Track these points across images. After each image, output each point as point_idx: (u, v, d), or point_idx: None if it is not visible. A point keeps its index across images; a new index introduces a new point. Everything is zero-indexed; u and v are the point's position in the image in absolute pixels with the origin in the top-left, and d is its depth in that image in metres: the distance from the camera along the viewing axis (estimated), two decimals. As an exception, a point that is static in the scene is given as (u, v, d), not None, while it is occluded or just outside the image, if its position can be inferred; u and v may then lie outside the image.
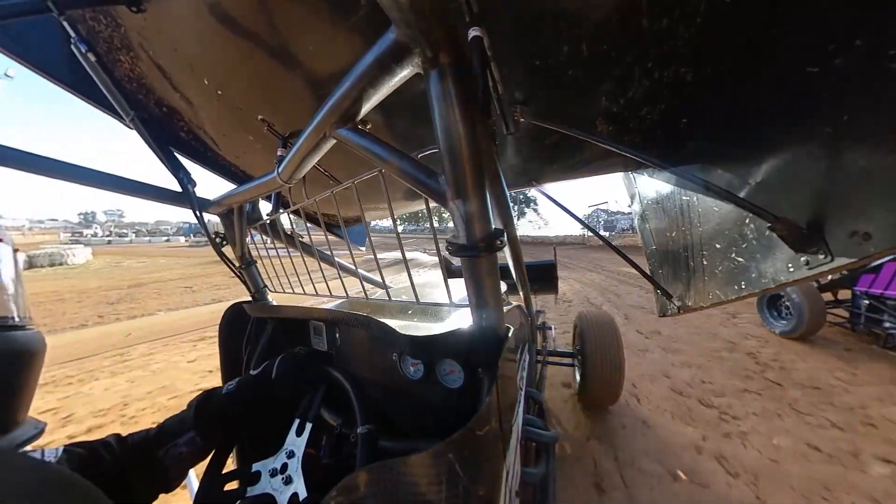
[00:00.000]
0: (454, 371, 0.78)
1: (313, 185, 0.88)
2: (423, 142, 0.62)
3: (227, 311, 1.24)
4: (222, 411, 0.78)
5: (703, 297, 0.95)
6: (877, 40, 0.45)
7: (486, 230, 0.50)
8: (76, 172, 0.89)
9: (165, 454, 0.69)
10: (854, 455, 2.21)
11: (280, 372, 0.88)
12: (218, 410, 0.78)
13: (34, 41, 0.87)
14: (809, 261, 0.55)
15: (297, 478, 0.75)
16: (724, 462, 2.15)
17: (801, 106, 0.58)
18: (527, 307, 1.80)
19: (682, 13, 0.56)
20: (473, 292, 0.58)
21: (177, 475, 0.71)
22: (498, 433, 0.55)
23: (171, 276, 11.80)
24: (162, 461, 0.68)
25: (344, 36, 0.63)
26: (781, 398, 2.93)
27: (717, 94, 0.73)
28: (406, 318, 1.05)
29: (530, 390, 1.32)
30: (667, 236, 1.17)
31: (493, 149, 0.80)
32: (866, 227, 0.48)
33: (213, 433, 0.75)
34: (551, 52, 0.66)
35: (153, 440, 0.70)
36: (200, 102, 0.98)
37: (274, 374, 0.87)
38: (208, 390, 0.82)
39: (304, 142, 0.62)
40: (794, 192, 0.61)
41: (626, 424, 2.52)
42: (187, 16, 0.71)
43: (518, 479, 0.80)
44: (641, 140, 0.97)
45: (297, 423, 0.85)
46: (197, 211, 1.10)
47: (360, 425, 0.77)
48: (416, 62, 0.42)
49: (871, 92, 0.48)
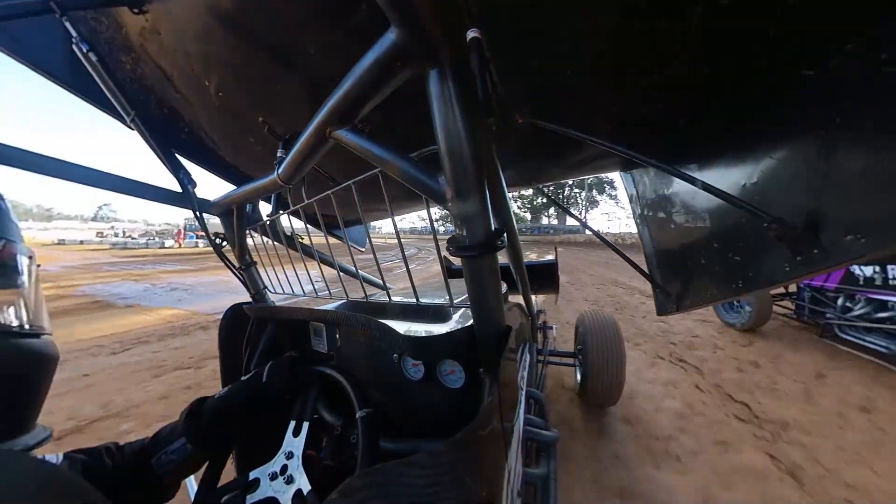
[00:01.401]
0: (455, 371, 0.79)
1: (313, 186, 0.88)
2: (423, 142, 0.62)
3: (226, 313, 1.24)
4: (213, 417, 0.78)
5: (702, 295, 0.95)
6: (869, 44, 0.46)
7: (486, 230, 0.50)
8: (77, 172, 0.90)
9: (158, 462, 0.69)
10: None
11: (270, 376, 0.87)
12: (208, 416, 0.78)
13: (36, 41, 0.87)
14: (805, 260, 0.56)
15: (298, 475, 0.75)
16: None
17: (797, 107, 0.59)
18: (527, 307, 1.81)
19: (679, 15, 0.56)
20: (474, 292, 0.59)
21: (170, 484, 0.71)
22: (499, 433, 0.55)
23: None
24: (155, 470, 0.68)
25: (344, 37, 0.64)
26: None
27: (714, 94, 0.73)
28: (406, 318, 1.05)
29: (531, 390, 1.32)
30: (665, 236, 1.18)
31: (493, 149, 0.80)
32: (860, 226, 0.48)
33: (203, 439, 0.74)
34: (551, 53, 0.67)
35: (147, 449, 0.70)
36: (201, 103, 0.98)
37: (264, 378, 0.87)
38: (201, 398, 0.82)
39: (303, 143, 0.62)
40: (789, 193, 0.61)
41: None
42: (188, 17, 0.71)
43: (520, 480, 0.80)
44: (640, 140, 0.98)
45: (293, 425, 0.85)
46: (197, 211, 1.10)
47: (358, 410, 0.77)
48: (415, 63, 0.43)
49: (865, 94, 0.48)
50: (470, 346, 0.70)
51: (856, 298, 3.71)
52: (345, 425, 0.88)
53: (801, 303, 4.34)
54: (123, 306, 6.52)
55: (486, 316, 0.61)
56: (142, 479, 0.67)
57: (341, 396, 0.87)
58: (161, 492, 0.70)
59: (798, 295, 4.40)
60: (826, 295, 4.02)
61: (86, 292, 7.81)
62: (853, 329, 3.70)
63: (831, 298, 3.96)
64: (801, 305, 4.34)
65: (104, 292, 7.86)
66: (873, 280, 3.46)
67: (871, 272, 3.47)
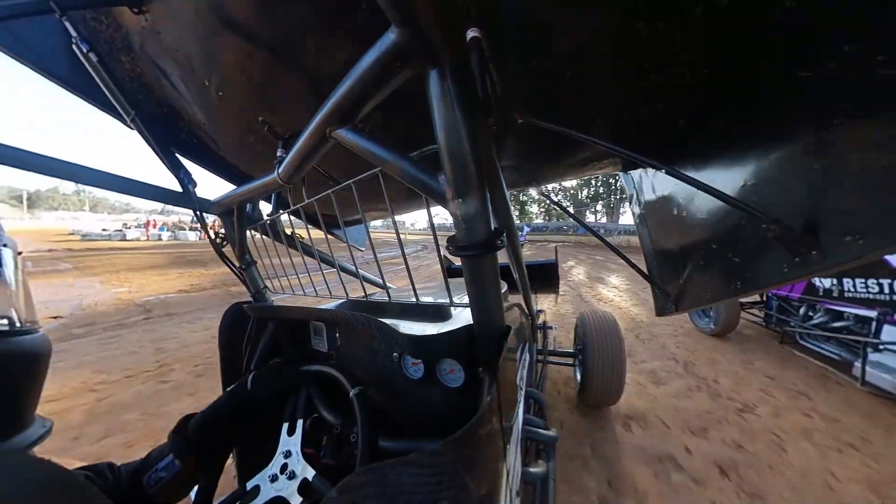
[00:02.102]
0: (454, 370, 0.79)
1: (314, 185, 0.88)
2: (423, 142, 0.62)
3: (226, 312, 1.24)
4: (199, 431, 0.78)
5: (700, 296, 0.95)
6: (867, 45, 0.46)
7: (486, 230, 0.50)
8: (77, 172, 0.90)
9: (148, 481, 0.70)
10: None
11: (255, 383, 0.88)
12: (196, 431, 0.78)
13: (36, 41, 0.87)
14: (804, 261, 0.56)
15: (301, 467, 0.75)
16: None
17: (795, 109, 0.59)
18: (527, 306, 1.81)
19: (678, 16, 0.56)
20: (474, 292, 0.59)
21: (161, 502, 0.71)
22: (498, 433, 0.55)
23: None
24: (147, 489, 0.69)
25: (344, 37, 0.64)
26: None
27: (713, 95, 0.73)
28: (406, 317, 1.06)
29: (530, 390, 1.32)
30: (664, 236, 1.18)
31: (493, 149, 0.80)
32: (859, 228, 0.48)
33: (191, 455, 0.74)
34: (550, 53, 0.67)
35: (140, 468, 0.71)
36: (201, 103, 0.98)
37: (249, 385, 0.87)
38: (188, 414, 0.83)
39: (303, 142, 0.62)
40: (788, 194, 0.61)
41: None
42: (188, 17, 0.71)
43: (519, 479, 0.80)
44: (639, 140, 0.98)
45: (286, 425, 0.85)
46: (197, 211, 1.10)
47: (351, 390, 0.77)
48: (415, 63, 0.43)
49: (862, 95, 0.48)
50: (470, 345, 0.70)
51: (816, 308, 3.87)
52: (343, 424, 0.88)
53: (769, 311, 4.47)
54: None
55: (486, 315, 0.61)
56: (135, 499, 0.67)
57: (339, 395, 0.87)
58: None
59: (767, 303, 4.54)
60: (791, 304, 4.18)
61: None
62: (811, 337, 3.85)
63: (795, 308, 4.12)
64: (769, 314, 4.47)
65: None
66: (831, 291, 3.60)
67: (830, 284, 3.61)
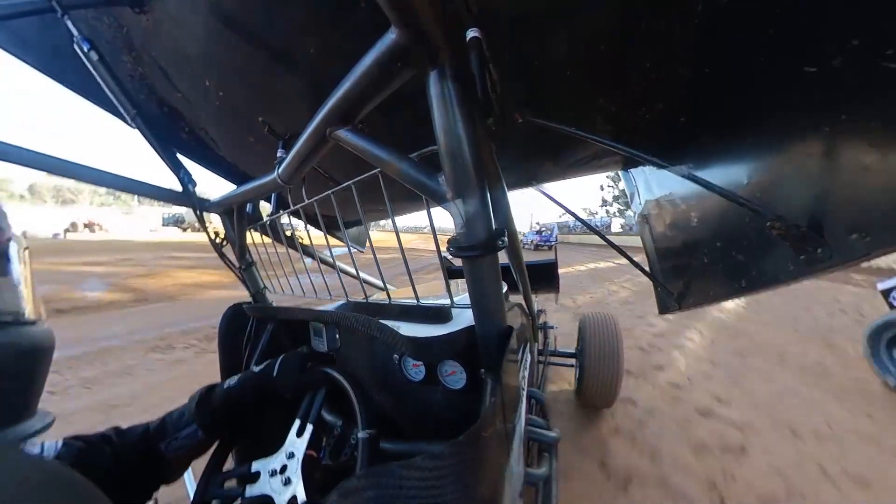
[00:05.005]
0: (456, 372, 0.78)
1: (314, 186, 0.88)
2: (423, 142, 0.62)
3: (226, 312, 1.24)
4: (224, 406, 0.79)
5: (704, 294, 0.95)
6: (873, 40, 0.45)
7: (486, 230, 0.50)
8: (78, 171, 0.90)
9: (167, 447, 0.71)
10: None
11: (281, 371, 0.88)
12: (220, 405, 0.79)
13: (37, 41, 0.87)
14: (809, 259, 0.55)
15: (296, 479, 0.75)
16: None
17: (800, 105, 0.58)
18: (528, 307, 1.80)
19: (679, 13, 0.56)
20: (474, 292, 0.58)
21: (178, 468, 0.74)
22: (502, 435, 0.55)
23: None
24: (164, 454, 0.70)
25: (344, 37, 0.63)
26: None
27: (715, 92, 0.73)
28: (407, 319, 1.05)
29: (532, 390, 1.31)
30: (667, 234, 1.17)
31: (493, 149, 0.80)
32: (865, 225, 0.48)
33: (214, 427, 0.76)
34: (550, 52, 0.66)
35: (155, 433, 0.72)
36: (202, 103, 0.98)
37: (275, 372, 0.87)
38: (210, 385, 0.83)
39: (303, 143, 0.62)
40: (792, 191, 0.61)
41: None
42: (189, 17, 0.71)
43: (521, 481, 0.80)
44: (640, 138, 0.97)
45: (297, 425, 0.84)
46: (197, 211, 1.10)
47: (361, 429, 0.76)
48: (415, 63, 0.42)
49: (869, 91, 0.48)
50: (471, 346, 0.70)
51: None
52: (345, 426, 0.88)
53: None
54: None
55: (488, 316, 0.60)
56: (149, 463, 0.69)
57: (347, 400, 0.86)
58: (168, 475, 0.72)
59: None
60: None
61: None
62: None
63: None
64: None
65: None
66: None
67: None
